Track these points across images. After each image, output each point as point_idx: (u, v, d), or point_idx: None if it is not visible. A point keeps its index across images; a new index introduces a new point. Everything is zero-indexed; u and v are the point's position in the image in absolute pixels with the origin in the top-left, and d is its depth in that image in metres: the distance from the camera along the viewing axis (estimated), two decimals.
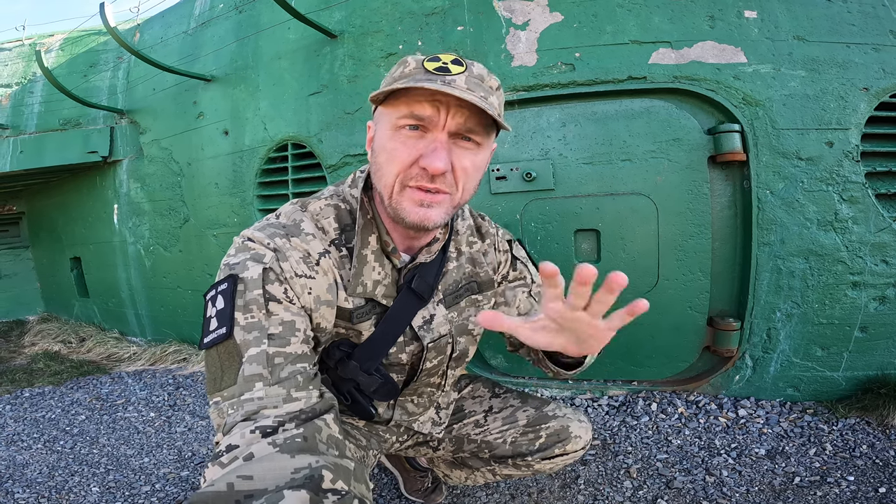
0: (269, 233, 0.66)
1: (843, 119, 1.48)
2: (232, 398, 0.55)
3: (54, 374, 2.61)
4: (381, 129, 0.68)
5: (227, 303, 0.59)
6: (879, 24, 1.50)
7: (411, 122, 0.63)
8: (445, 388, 0.93)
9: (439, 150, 0.62)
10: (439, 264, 0.80)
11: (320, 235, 0.70)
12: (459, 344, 0.87)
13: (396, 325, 0.77)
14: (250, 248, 0.64)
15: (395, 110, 0.64)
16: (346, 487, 0.48)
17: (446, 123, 0.62)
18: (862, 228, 1.49)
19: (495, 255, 0.92)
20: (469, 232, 0.89)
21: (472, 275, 0.87)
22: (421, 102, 0.61)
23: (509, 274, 0.94)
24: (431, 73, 0.61)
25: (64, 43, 3.18)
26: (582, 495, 1.27)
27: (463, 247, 0.87)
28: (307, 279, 0.65)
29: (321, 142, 2.06)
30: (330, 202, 0.74)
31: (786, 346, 1.59)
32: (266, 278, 0.61)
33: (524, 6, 1.72)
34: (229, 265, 0.63)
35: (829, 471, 1.29)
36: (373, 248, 0.73)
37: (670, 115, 1.60)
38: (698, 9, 1.58)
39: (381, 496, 1.33)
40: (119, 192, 2.97)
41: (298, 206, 0.74)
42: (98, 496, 1.43)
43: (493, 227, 0.94)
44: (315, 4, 2.06)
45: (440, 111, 0.61)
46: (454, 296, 0.85)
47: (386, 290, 0.75)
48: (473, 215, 0.93)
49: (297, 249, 0.66)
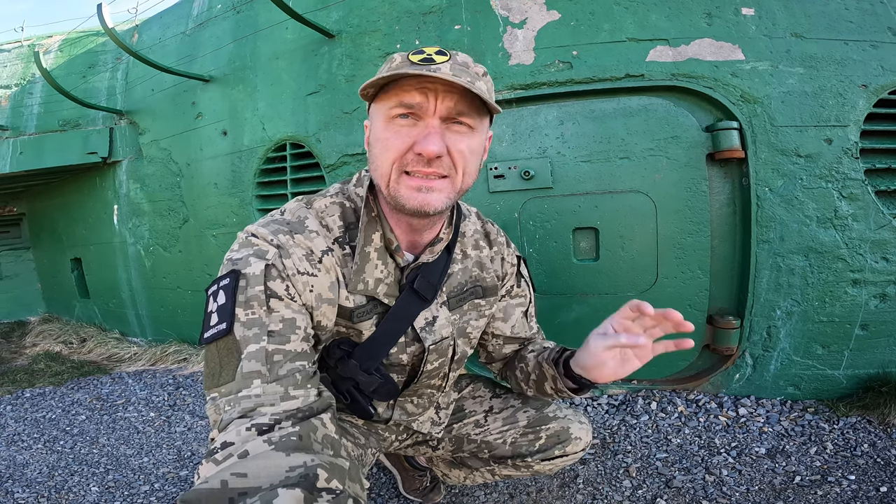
0: (273, 229, 0.66)
1: (841, 116, 1.47)
2: (229, 395, 0.55)
3: (55, 374, 2.62)
4: (375, 123, 0.69)
5: (228, 298, 0.59)
6: (877, 21, 1.50)
7: (402, 110, 0.63)
8: (446, 389, 0.93)
9: (432, 135, 0.63)
10: (443, 266, 0.80)
11: (324, 233, 0.70)
12: (459, 347, 0.87)
13: (398, 325, 0.77)
14: (254, 243, 0.64)
15: (385, 103, 0.65)
16: (341, 486, 0.48)
17: (436, 109, 0.63)
18: (862, 225, 1.48)
19: (501, 266, 0.92)
20: (477, 236, 0.89)
21: (478, 279, 0.87)
22: (409, 91, 0.62)
23: (513, 290, 0.95)
24: (416, 65, 0.62)
25: (63, 44, 3.19)
26: (581, 494, 1.27)
27: (469, 249, 0.87)
28: (309, 276, 0.65)
29: (319, 141, 2.06)
30: (335, 200, 0.74)
31: (786, 344, 1.58)
32: (268, 275, 0.61)
33: (521, 4, 1.72)
34: (232, 260, 0.63)
35: (829, 470, 1.28)
36: (376, 245, 0.73)
37: (668, 112, 1.59)
38: (695, 6, 1.57)
39: (380, 495, 1.33)
40: (119, 192, 2.97)
41: (304, 203, 0.74)
42: (97, 496, 1.43)
43: (503, 237, 0.95)
44: (312, 4, 2.06)
45: (429, 98, 0.63)
46: (458, 298, 0.84)
47: (388, 288, 0.75)
48: (482, 220, 0.93)
49: (301, 246, 0.66)
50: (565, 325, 1.75)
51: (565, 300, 1.72)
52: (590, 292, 1.69)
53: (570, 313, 1.75)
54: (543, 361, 0.86)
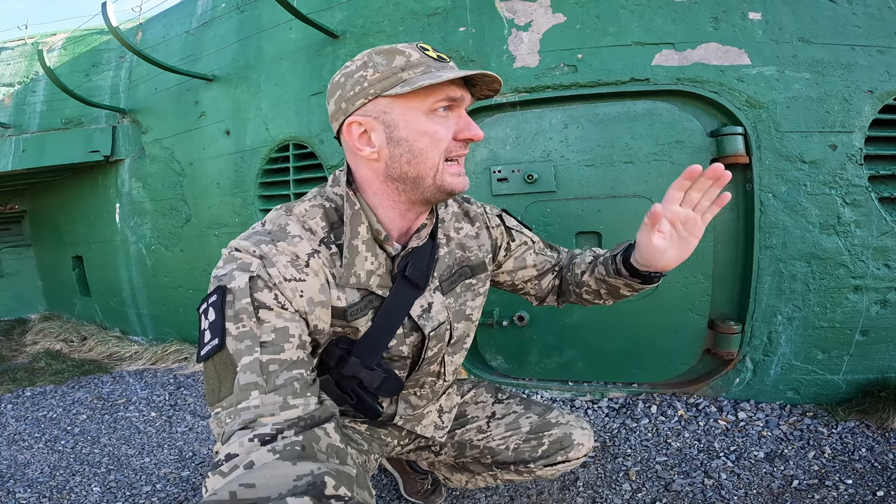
0: (255, 240, 0.66)
1: (846, 122, 1.47)
2: (230, 408, 0.55)
3: (56, 373, 2.62)
4: (406, 118, 0.68)
5: (217, 314, 0.59)
6: (885, 27, 1.49)
7: (446, 103, 0.69)
8: (446, 377, 0.93)
9: (473, 122, 0.72)
10: (430, 252, 0.80)
11: (308, 236, 0.69)
12: (457, 329, 0.87)
13: (394, 316, 0.77)
14: (237, 258, 0.64)
15: (424, 98, 0.68)
16: (349, 493, 0.48)
17: (467, 100, 0.72)
18: (864, 232, 1.49)
19: (489, 235, 0.93)
20: (454, 218, 0.89)
21: (464, 259, 0.88)
22: (449, 86, 0.68)
23: (510, 245, 0.96)
24: (437, 61, 0.69)
25: (66, 42, 3.18)
26: (581, 497, 1.27)
27: (451, 233, 0.87)
28: (297, 282, 0.65)
29: (322, 142, 2.06)
30: (315, 203, 0.74)
31: (786, 349, 1.59)
32: (254, 286, 0.61)
33: (527, 7, 1.71)
34: (217, 277, 0.63)
35: (827, 474, 1.29)
36: (363, 237, 0.73)
37: (673, 117, 1.59)
38: (702, 10, 1.57)
39: (381, 497, 1.33)
40: (121, 191, 2.97)
41: (283, 211, 0.73)
42: (99, 496, 1.43)
43: (479, 206, 0.95)
44: (317, 5, 2.05)
45: (463, 90, 0.71)
46: (449, 282, 0.85)
47: (381, 279, 0.75)
48: (458, 201, 0.93)
49: (285, 254, 0.66)
50: (567, 327, 1.76)
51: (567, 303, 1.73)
52: None
53: (571, 317, 1.75)
54: (606, 276, 0.88)
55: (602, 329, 1.72)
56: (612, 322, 1.70)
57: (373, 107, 0.68)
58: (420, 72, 0.66)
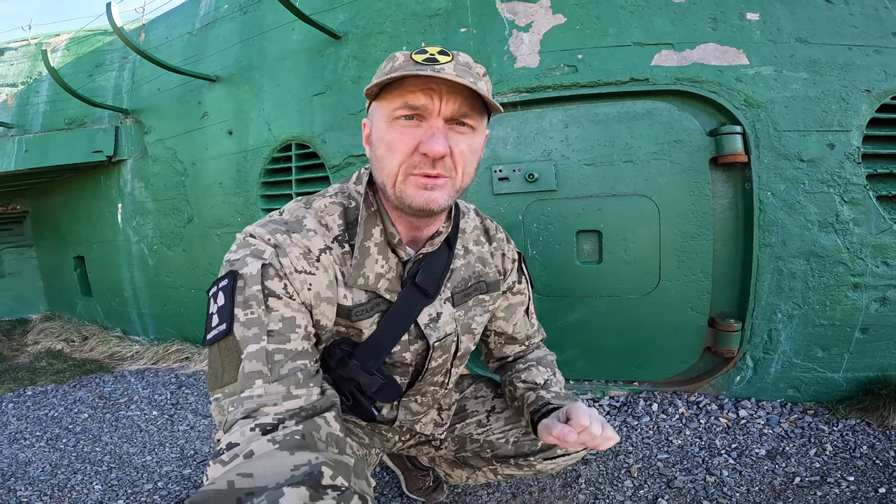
0: (271, 229, 0.67)
1: (844, 121, 1.49)
2: (232, 395, 0.55)
3: (57, 372, 2.62)
4: (377, 122, 0.69)
5: (227, 299, 0.60)
6: (881, 26, 1.51)
7: (406, 112, 0.64)
8: (448, 386, 0.93)
9: (437, 136, 0.63)
10: (445, 261, 0.80)
11: (322, 232, 0.70)
12: (463, 343, 0.87)
13: (400, 322, 0.76)
14: (251, 244, 0.65)
15: (389, 103, 0.65)
16: (347, 483, 0.49)
17: (441, 110, 0.63)
18: (863, 230, 1.50)
19: (502, 262, 0.93)
20: (477, 232, 0.89)
21: (481, 274, 0.88)
22: (414, 92, 0.63)
23: (514, 286, 0.96)
24: (420, 64, 0.62)
25: (70, 43, 3.20)
26: (583, 494, 1.27)
27: (470, 245, 0.87)
28: (307, 275, 0.65)
29: (325, 142, 2.07)
30: (335, 199, 0.75)
31: (787, 347, 1.59)
32: (265, 274, 0.61)
33: (527, 8, 1.73)
34: (230, 261, 0.64)
35: (829, 471, 1.29)
36: (376, 240, 0.73)
37: (672, 116, 1.60)
38: (700, 11, 1.58)
39: (383, 494, 1.33)
40: (123, 191, 2.98)
41: (303, 203, 0.74)
42: (100, 494, 1.43)
43: (502, 233, 0.95)
44: (319, 5, 2.07)
45: (433, 99, 0.63)
46: (463, 294, 0.85)
47: (390, 284, 0.75)
48: (481, 216, 0.94)
49: (298, 245, 0.66)
50: (567, 326, 1.76)
51: (568, 302, 1.73)
52: (592, 294, 1.71)
53: (572, 315, 1.76)
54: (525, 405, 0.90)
55: (602, 328, 1.73)
56: (612, 321, 1.71)
57: (370, 109, 0.72)
58: (396, 73, 0.62)
